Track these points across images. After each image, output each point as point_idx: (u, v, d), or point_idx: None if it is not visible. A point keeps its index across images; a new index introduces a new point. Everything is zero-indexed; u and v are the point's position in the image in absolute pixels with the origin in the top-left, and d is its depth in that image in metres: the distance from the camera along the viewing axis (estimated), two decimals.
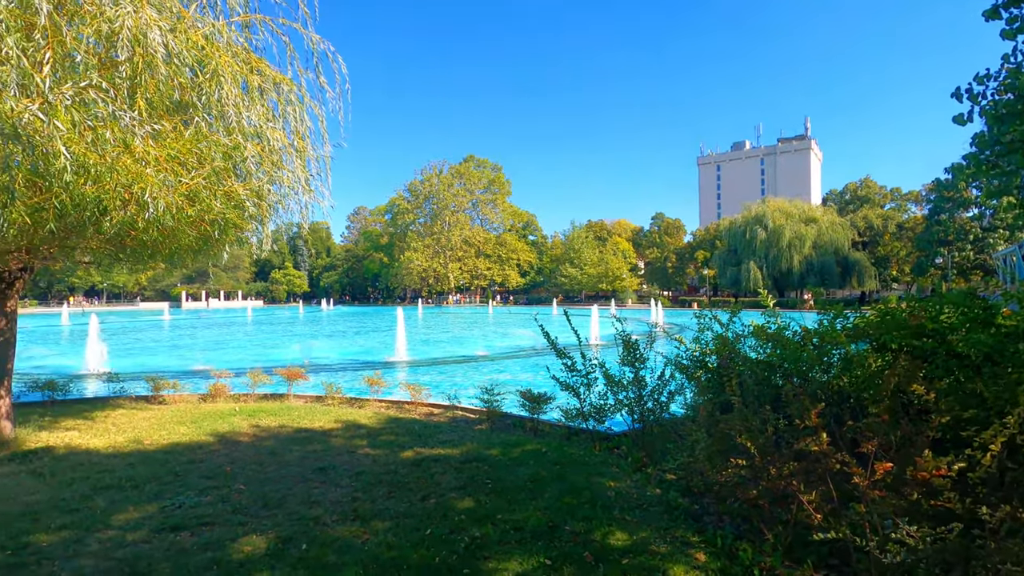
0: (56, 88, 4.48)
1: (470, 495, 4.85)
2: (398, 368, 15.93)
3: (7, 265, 6.23)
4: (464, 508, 4.56)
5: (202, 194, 5.73)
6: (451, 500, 4.75)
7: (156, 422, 7.81)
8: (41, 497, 4.91)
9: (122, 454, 6.29)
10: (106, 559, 3.76)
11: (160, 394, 9.80)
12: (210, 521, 4.36)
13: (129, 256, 6.79)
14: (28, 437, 6.76)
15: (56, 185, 4.73)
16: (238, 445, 6.65)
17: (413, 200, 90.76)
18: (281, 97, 7.06)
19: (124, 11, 5.14)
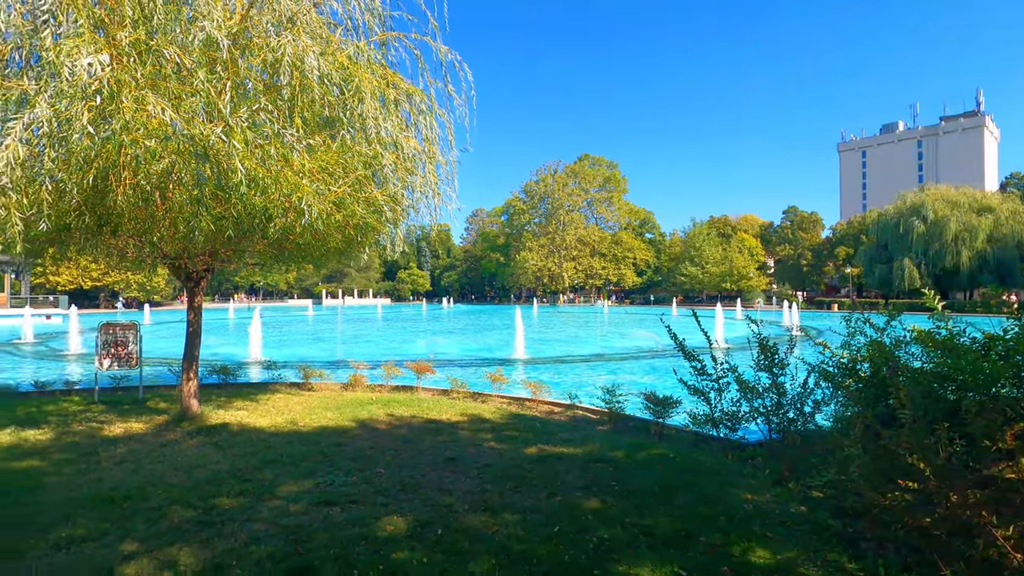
0: (234, 112, 5.16)
1: (596, 495, 4.81)
2: (516, 365, 16.27)
3: (195, 266, 7.33)
4: (591, 508, 4.53)
5: (347, 200, 6.28)
6: (577, 499, 4.73)
7: (307, 407, 8.71)
8: (222, 466, 5.70)
9: (281, 433, 7.10)
10: (274, 525, 4.26)
11: (309, 382, 10.92)
12: (357, 499, 4.76)
13: (287, 258, 7.67)
14: (210, 414, 7.89)
15: (234, 197, 5.45)
16: (376, 432, 7.21)
17: (528, 201, 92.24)
18: (413, 107, 7.52)
19: (285, 40, 5.77)
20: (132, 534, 4.10)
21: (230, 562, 3.66)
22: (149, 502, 4.74)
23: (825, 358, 5.66)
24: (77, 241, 6.43)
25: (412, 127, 7.54)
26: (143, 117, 4.94)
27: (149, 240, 6.24)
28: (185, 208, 5.56)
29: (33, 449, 6.35)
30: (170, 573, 3.52)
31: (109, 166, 5.12)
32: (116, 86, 4.88)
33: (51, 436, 6.90)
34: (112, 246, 6.72)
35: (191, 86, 5.58)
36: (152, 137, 4.85)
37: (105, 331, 9.05)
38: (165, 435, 6.94)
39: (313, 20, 6.80)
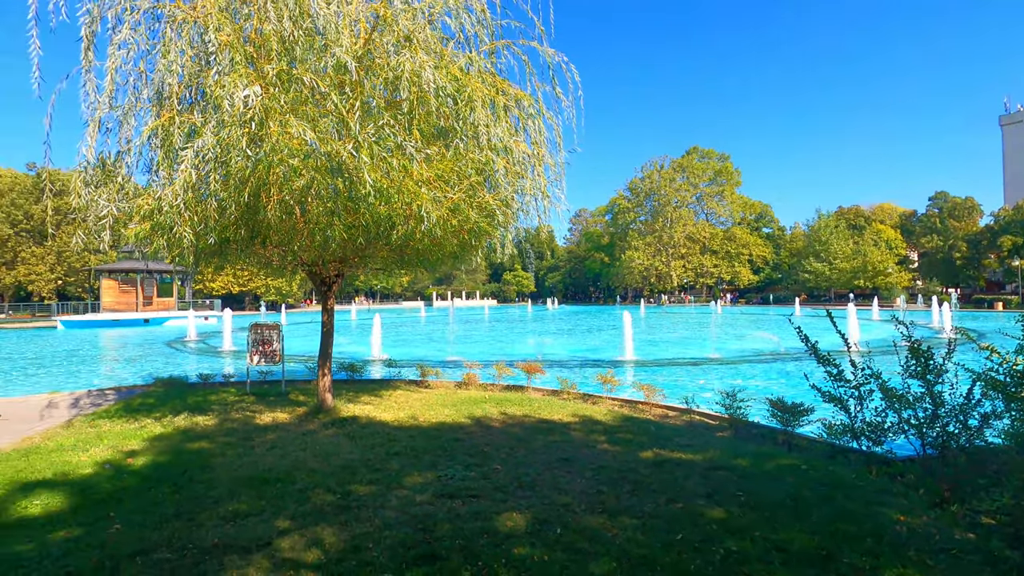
0: (362, 129, 5.60)
1: (719, 505, 4.57)
2: (626, 367, 15.94)
3: (328, 272, 8.06)
4: (715, 518, 4.32)
5: (462, 206, 6.55)
6: (699, 507, 4.54)
7: (425, 403, 9.19)
8: (355, 456, 6.19)
9: (404, 427, 7.55)
10: (403, 513, 4.54)
11: (426, 379, 11.51)
12: (477, 494, 4.94)
13: (406, 263, 8.17)
14: (341, 407, 8.61)
15: (362, 207, 5.91)
16: (491, 429, 7.43)
17: (633, 199, 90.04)
18: (522, 112, 7.65)
19: (404, 58, 6.14)
20: (283, 512, 4.59)
21: (367, 544, 3.97)
22: (296, 484, 5.28)
23: (993, 364, 4.93)
24: (234, 252, 7.35)
25: (521, 131, 7.69)
26: (287, 139, 5.53)
27: (291, 249, 6.97)
28: (321, 219, 6.14)
29: (202, 433, 7.33)
30: (317, 549, 3.89)
31: (260, 184, 5.79)
32: (265, 113, 5.49)
33: (215, 422, 7.93)
34: (261, 255, 7.59)
35: (324, 107, 6.14)
36: (294, 156, 5.41)
37: (255, 331, 10.23)
38: (305, 425, 7.68)
39: (428, 36, 7.17)
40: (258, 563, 3.69)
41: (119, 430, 7.60)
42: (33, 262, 56.64)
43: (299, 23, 6.32)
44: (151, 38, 6.38)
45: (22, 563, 3.74)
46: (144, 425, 7.85)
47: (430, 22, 7.49)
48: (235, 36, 6.17)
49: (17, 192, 56.67)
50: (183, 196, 5.74)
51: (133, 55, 6.15)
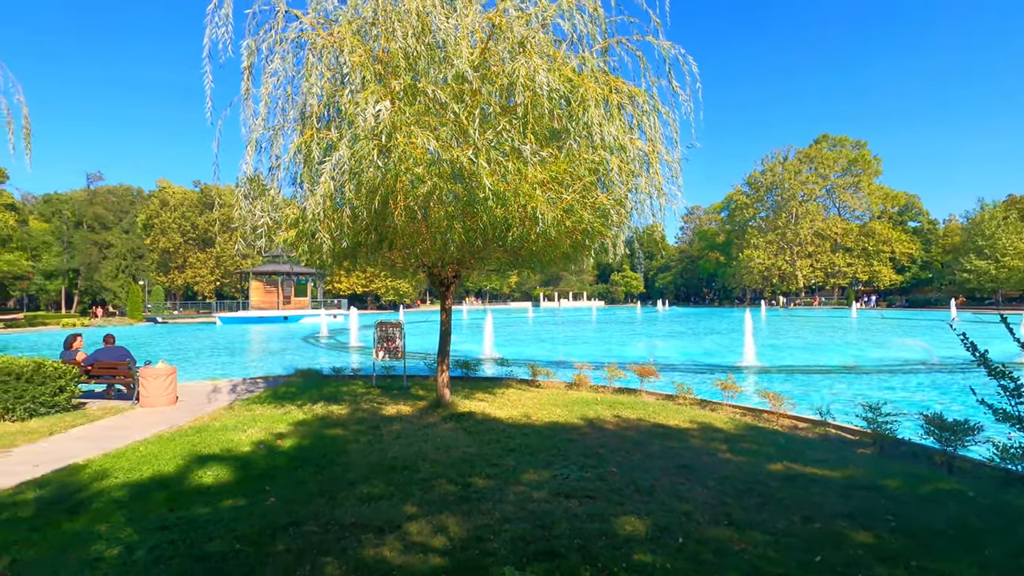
0: (481, 136, 5.81)
1: (865, 528, 4.14)
2: (746, 373, 14.96)
3: (446, 274, 8.47)
4: (860, 541, 3.92)
5: (575, 207, 6.55)
6: (840, 528, 4.14)
7: (537, 402, 9.31)
8: (472, 450, 6.44)
9: (517, 425, 7.71)
10: (521, 509, 4.65)
11: (536, 379, 11.65)
12: (593, 495, 4.92)
13: (520, 264, 8.34)
14: (458, 403, 8.99)
15: (480, 210, 6.14)
16: (604, 431, 7.35)
17: (753, 194, 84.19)
18: (636, 109, 7.49)
19: (519, 64, 6.27)
20: (411, 498, 4.89)
21: (488, 536, 4.11)
22: (420, 473, 5.60)
23: None
24: (363, 255, 7.97)
25: (635, 129, 7.54)
26: (412, 149, 5.89)
27: (414, 252, 7.42)
28: (442, 223, 6.47)
29: (337, 421, 8.03)
30: (443, 536, 4.10)
31: (388, 192, 6.23)
32: (392, 126, 5.89)
33: (347, 411, 8.65)
34: (387, 258, 8.17)
35: (444, 117, 6.45)
36: (419, 165, 5.75)
37: (380, 329, 11.02)
38: (426, 418, 8.13)
39: (541, 41, 7.27)
40: (391, 544, 3.97)
41: (269, 414, 8.55)
42: (198, 266, 65.52)
43: (421, 39, 6.70)
44: (296, 64, 7.11)
45: (203, 524, 4.35)
46: (289, 411, 8.77)
47: (543, 26, 7.58)
48: (366, 56, 6.68)
49: (186, 206, 65.91)
50: (323, 205, 6.33)
51: (282, 80, 6.88)
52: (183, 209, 65.50)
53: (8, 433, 7.60)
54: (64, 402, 9.09)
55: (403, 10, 6.60)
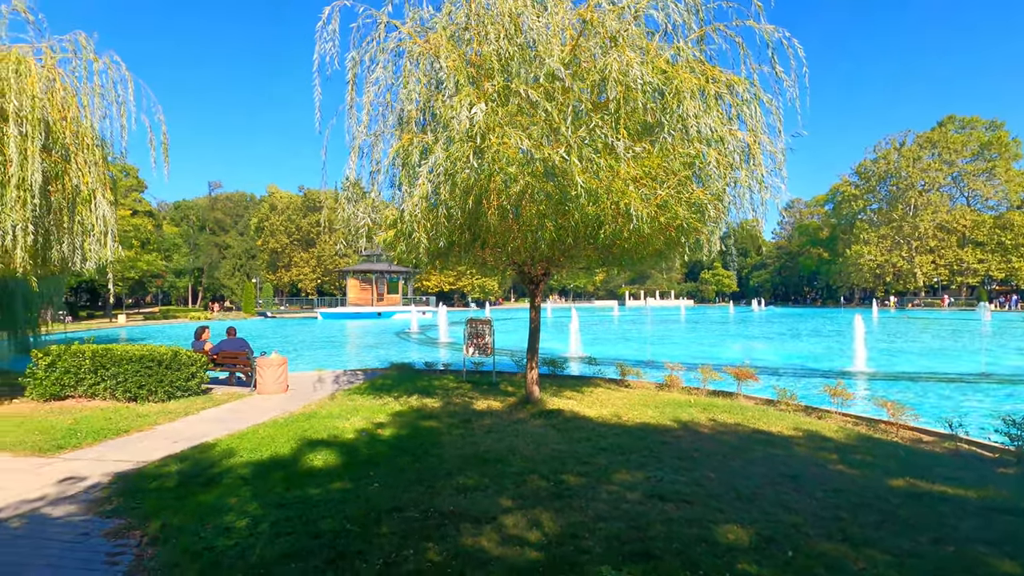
0: (573, 133, 5.80)
1: (1012, 558, 3.68)
2: (856, 379, 13.78)
3: (536, 272, 8.54)
4: (1003, 571, 3.50)
5: (670, 203, 6.37)
6: (979, 555, 3.72)
7: (627, 402, 9.15)
8: (563, 447, 6.45)
9: (608, 424, 7.63)
10: (615, 508, 4.60)
11: (625, 379, 11.44)
12: (690, 500, 4.76)
13: (611, 261, 8.24)
14: (547, 400, 9.04)
15: (572, 208, 6.13)
16: (699, 435, 7.08)
17: (863, 184, 77.12)
18: (735, 98, 7.14)
19: (611, 59, 6.19)
20: (505, 492, 5.00)
21: (583, 533, 4.11)
22: (512, 467, 5.70)
23: None
24: (456, 254, 8.22)
25: (734, 119, 7.19)
26: (505, 149, 5.99)
27: (505, 250, 7.56)
28: (533, 221, 6.53)
29: (431, 413, 8.36)
30: (538, 531, 4.15)
31: (482, 192, 6.38)
32: (486, 127, 6.02)
33: (440, 404, 8.97)
34: (478, 256, 8.37)
35: (535, 116, 6.50)
36: (512, 164, 5.85)
37: (470, 325, 11.32)
38: (515, 414, 8.25)
39: (633, 34, 7.12)
40: (488, 535, 4.08)
41: (369, 405, 9.07)
42: (301, 265, 70.65)
43: (513, 40, 6.80)
44: (395, 72, 7.46)
45: (315, 504, 4.70)
46: (386, 403, 9.25)
47: (635, 17, 7.43)
48: (459, 60, 6.88)
49: (292, 209, 71.29)
50: (420, 206, 6.61)
51: (382, 88, 7.24)
52: (289, 212, 70.89)
53: (151, 413, 8.64)
54: (195, 387, 10.18)
55: (496, 13, 6.74)
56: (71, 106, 9.32)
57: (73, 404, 9.39)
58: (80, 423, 7.85)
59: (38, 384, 9.68)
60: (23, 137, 8.12)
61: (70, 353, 9.79)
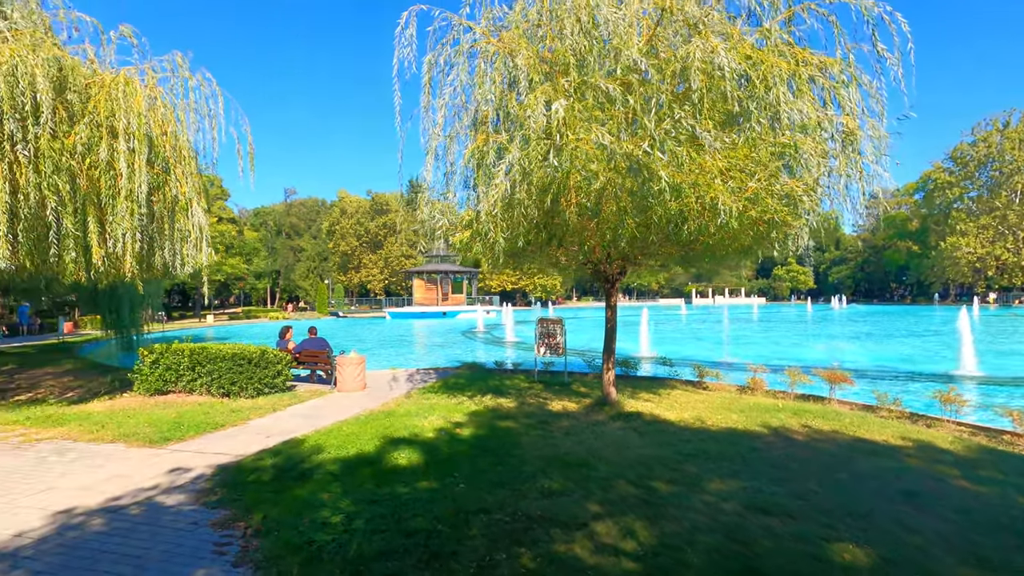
0: (657, 126, 5.58)
1: None
2: (963, 383, 12.57)
3: (612, 270, 8.33)
4: None
5: (760, 195, 6.00)
6: None
7: (709, 406, 8.75)
8: (647, 452, 6.23)
9: (691, 429, 7.31)
10: (712, 519, 4.36)
11: (703, 381, 10.99)
12: (794, 514, 4.44)
13: (691, 259, 7.90)
14: (624, 402, 8.81)
15: (654, 204, 5.90)
16: (793, 442, 6.65)
17: (959, 170, 70.60)
18: (829, 81, 6.66)
19: (693, 46, 5.92)
20: (592, 497, 4.86)
21: (681, 544, 3.92)
22: (596, 472, 5.56)
23: None
24: (531, 254, 8.16)
25: (829, 104, 6.70)
26: (583, 145, 5.85)
27: (581, 249, 7.41)
28: (612, 218, 6.35)
29: (507, 413, 8.34)
30: (632, 540, 4.00)
31: (560, 190, 6.27)
32: (564, 124, 5.90)
33: (515, 405, 8.94)
34: (553, 256, 8.27)
35: (612, 111, 6.31)
36: (592, 161, 5.69)
37: (542, 325, 11.24)
38: (592, 416, 8.08)
39: (715, 20, 6.79)
40: (581, 542, 3.97)
41: (444, 404, 9.17)
42: (370, 266, 73.22)
43: (589, 33, 6.64)
44: (470, 73, 7.48)
45: (405, 502, 4.76)
46: (461, 402, 9.32)
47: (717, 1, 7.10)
48: (533, 58, 6.79)
49: (360, 213, 74.03)
50: (496, 206, 6.59)
51: (457, 89, 7.28)
52: (358, 216, 73.65)
53: (243, 408, 9.13)
54: (280, 384, 10.69)
55: (569, 6, 6.61)
56: (170, 121, 10.01)
57: (174, 399, 10.10)
58: (182, 417, 8.41)
59: (144, 380, 10.48)
60: (131, 152, 8.78)
61: (171, 351, 10.54)
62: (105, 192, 8.60)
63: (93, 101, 8.86)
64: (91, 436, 7.39)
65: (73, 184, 8.30)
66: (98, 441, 7.19)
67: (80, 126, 8.53)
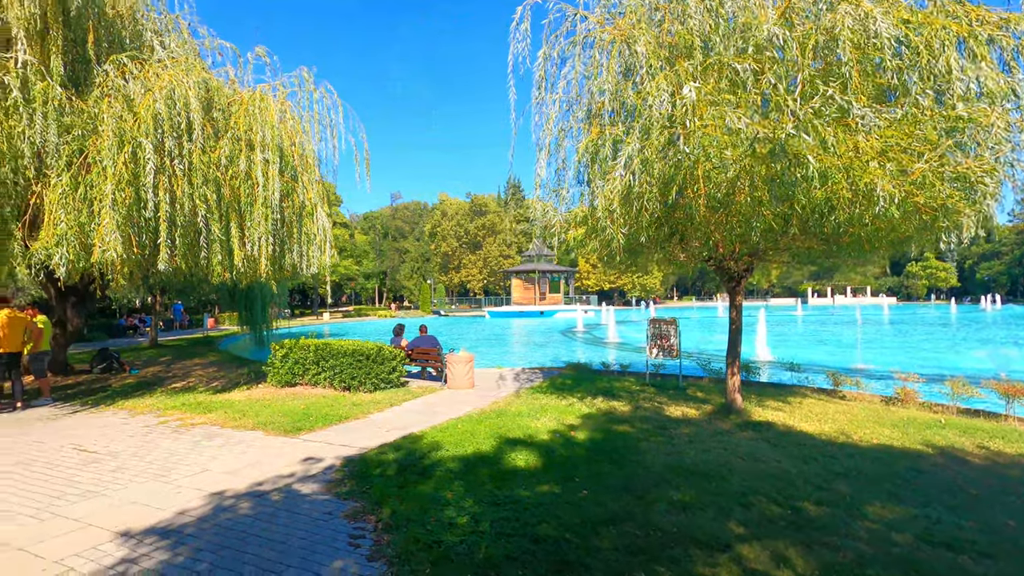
0: (803, 104, 4.99)
1: None
2: None
3: (738, 267, 7.69)
4: None
5: (929, 178, 5.18)
6: None
7: (851, 418, 7.82)
8: (787, 467, 5.63)
9: (835, 443, 6.54)
10: (881, 551, 3.78)
11: (839, 389, 9.89)
12: (990, 553, 3.74)
13: (835, 253, 7.06)
14: (751, 410, 8.12)
15: (798, 192, 5.29)
16: (968, 465, 5.70)
17: None
18: (1012, 40, 5.64)
19: (840, 14, 5.25)
20: (731, 515, 4.43)
21: None
22: (730, 485, 5.09)
23: None
24: (647, 250, 7.74)
25: (1015, 69, 5.66)
26: (713, 131, 5.39)
27: (706, 244, 6.89)
28: (745, 210, 5.80)
29: (622, 417, 8.00)
30: (787, 569, 3.55)
31: (685, 181, 5.84)
32: (690, 109, 5.47)
33: (629, 408, 8.57)
34: (671, 252, 7.79)
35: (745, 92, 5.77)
36: (724, 148, 5.22)
37: (654, 326, 10.72)
38: (716, 423, 7.51)
39: None
40: (727, 566, 3.59)
41: (554, 405, 9.00)
42: (469, 266, 75.28)
43: (715, 11, 6.16)
44: (584, 64, 7.23)
45: (528, 506, 4.63)
46: (571, 403, 9.11)
47: None
48: (653, 43, 6.41)
49: (460, 215, 76.35)
50: (613, 201, 6.29)
51: (573, 82, 7.07)
52: (458, 218, 76.03)
53: (363, 402, 9.56)
54: (395, 380, 11.11)
55: None
56: (297, 132, 10.76)
57: (301, 391, 10.83)
58: (310, 408, 8.97)
59: (275, 372, 11.36)
60: (265, 163, 9.52)
61: (298, 347, 11.34)
62: (244, 200, 9.39)
63: (234, 117, 9.72)
64: (235, 423, 8.07)
65: (218, 193, 9.14)
66: (240, 428, 7.83)
67: (223, 141, 9.38)
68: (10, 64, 8.19)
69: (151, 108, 8.26)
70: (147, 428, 7.95)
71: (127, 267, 8.72)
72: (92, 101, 8.67)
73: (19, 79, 8.14)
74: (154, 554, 3.96)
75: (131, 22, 10.91)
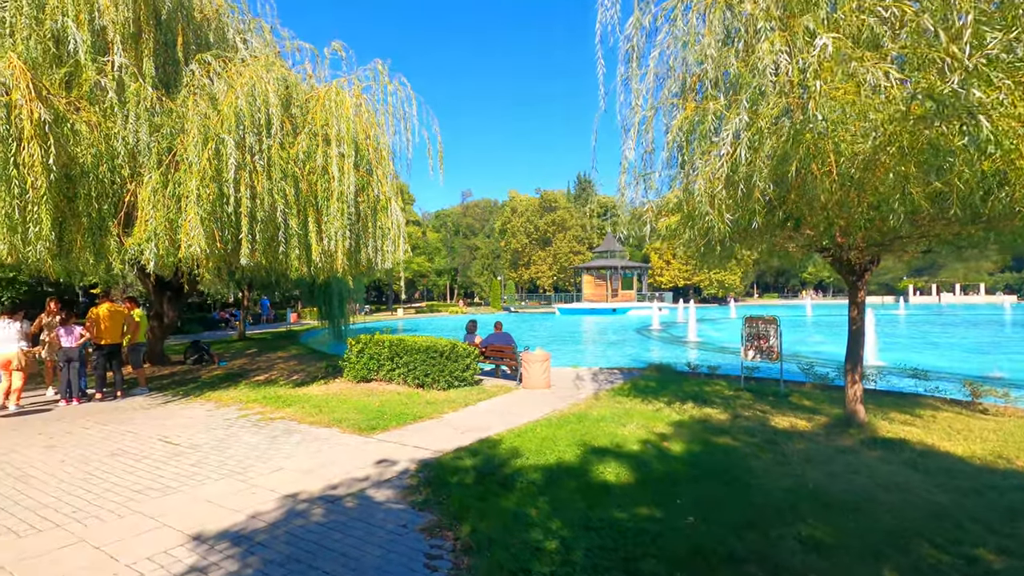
0: (975, 52, 4.01)
1: None
2: None
3: (861, 259, 6.63)
4: None
5: None
6: None
7: (1003, 436, 6.55)
8: (939, 499, 4.64)
9: (993, 469, 5.41)
10: None
11: (978, 402, 8.46)
12: None
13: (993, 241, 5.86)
14: (877, 424, 7.01)
15: (959, 164, 4.30)
16: None
17: None
18: None
19: None
20: (886, 561, 3.59)
21: None
22: (876, 522, 4.21)
23: None
24: (750, 239, 6.84)
25: None
26: (846, 95, 4.50)
27: (827, 231, 5.91)
28: (885, 188, 4.84)
29: (719, 427, 7.16)
30: None
31: (808, 156, 4.96)
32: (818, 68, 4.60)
33: (727, 417, 7.69)
34: (778, 241, 6.85)
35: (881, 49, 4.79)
36: (869, 110, 4.32)
37: (750, 325, 9.70)
38: (835, 439, 6.51)
39: None
40: None
41: (640, 410, 8.27)
42: (539, 263, 74.81)
43: None
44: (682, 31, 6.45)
45: (626, 532, 4.00)
46: (659, 408, 8.33)
47: None
48: None
49: (530, 212, 76.00)
50: (716, 183, 5.50)
51: (666, 52, 6.31)
52: (528, 214, 75.71)
53: (437, 401, 9.25)
54: (469, 378, 10.75)
55: None
56: (372, 125, 10.61)
57: (376, 386, 10.72)
58: (384, 406, 8.76)
59: (351, 367, 11.34)
60: (341, 157, 9.40)
61: (373, 342, 11.25)
62: (321, 194, 9.33)
63: (311, 112, 9.68)
64: (311, 419, 7.98)
65: (296, 188, 9.11)
66: (317, 424, 7.70)
67: (301, 136, 9.35)
68: (107, 67, 8.51)
69: (233, 105, 8.31)
70: (228, 421, 8.01)
71: (211, 261, 8.86)
72: (180, 100, 8.87)
73: (115, 81, 8.43)
74: (223, 563, 3.70)
75: (217, 24, 11.20)
